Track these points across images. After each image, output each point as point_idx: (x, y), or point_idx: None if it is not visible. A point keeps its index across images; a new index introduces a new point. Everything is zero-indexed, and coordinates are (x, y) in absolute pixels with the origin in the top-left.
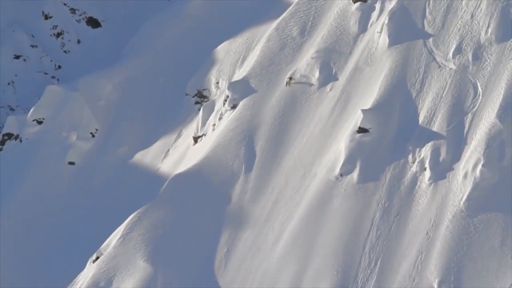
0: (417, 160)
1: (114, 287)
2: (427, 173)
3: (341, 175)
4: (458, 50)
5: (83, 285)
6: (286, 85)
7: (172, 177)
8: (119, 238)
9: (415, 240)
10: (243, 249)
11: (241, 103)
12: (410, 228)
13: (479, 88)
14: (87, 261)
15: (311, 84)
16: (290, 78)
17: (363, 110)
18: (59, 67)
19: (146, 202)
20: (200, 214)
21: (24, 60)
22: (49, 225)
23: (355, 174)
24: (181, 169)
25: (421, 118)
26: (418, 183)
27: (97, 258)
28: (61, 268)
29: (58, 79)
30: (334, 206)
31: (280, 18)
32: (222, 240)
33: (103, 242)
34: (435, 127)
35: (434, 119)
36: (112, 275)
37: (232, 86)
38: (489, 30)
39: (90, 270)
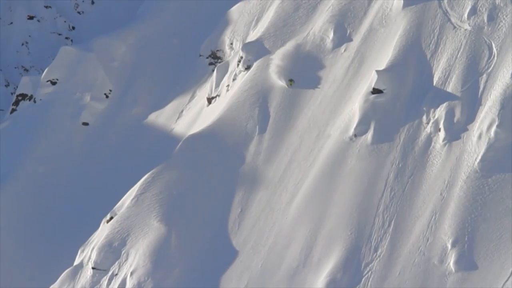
0: (432, 121)
1: (127, 247)
2: (442, 134)
3: (355, 135)
4: (473, 11)
5: (97, 245)
6: (288, 87)
7: (186, 138)
8: (133, 199)
9: (429, 200)
10: (257, 210)
11: (255, 64)
12: (424, 189)
13: (494, 49)
14: (101, 221)
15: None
16: (291, 80)
17: (377, 71)
18: (73, 28)
19: (160, 162)
20: (214, 175)
21: (38, 21)
22: (62, 185)
23: (369, 135)
24: (195, 130)
25: (435, 79)
26: (433, 143)
27: (111, 218)
28: (75, 228)
29: (72, 40)
30: (348, 166)
31: None
32: (235, 201)
33: (117, 203)
34: (450, 88)
35: (448, 80)
36: (126, 235)
37: (246, 47)
38: None
39: (104, 230)
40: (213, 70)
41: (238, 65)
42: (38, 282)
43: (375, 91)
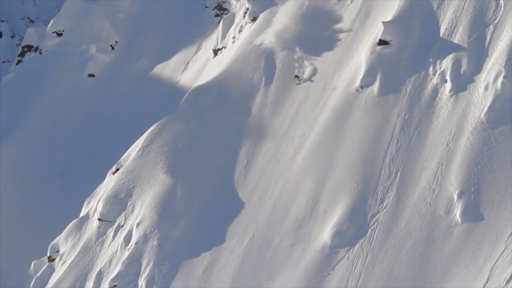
0: (438, 72)
1: (133, 198)
2: (448, 85)
3: (361, 87)
4: None
5: (102, 196)
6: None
7: (191, 90)
8: (138, 150)
9: (435, 152)
10: (263, 161)
11: (261, 16)
12: (430, 140)
13: (501, 0)
14: (107, 173)
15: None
16: (297, 77)
17: (383, 22)
18: None
19: (166, 114)
20: (220, 127)
21: None
22: (68, 136)
23: (375, 87)
24: (200, 81)
25: (442, 30)
26: (439, 95)
27: (117, 169)
28: (81, 180)
29: None
30: (354, 118)
31: None
32: (241, 152)
33: (123, 154)
34: (456, 39)
35: (455, 31)
36: (131, 187)
37: None
38: None
39: (109, 182)
40: (219, 22)
41: (244, 16)
42: (45, 233)
43: (382, 42)
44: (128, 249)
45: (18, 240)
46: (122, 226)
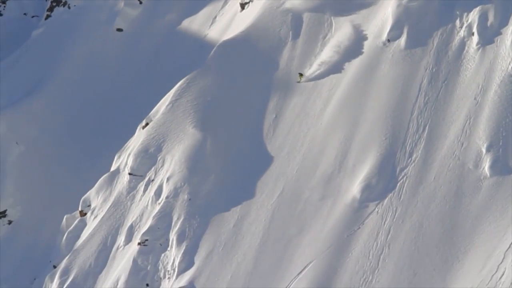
0: (465, 25)
1: (163, 153)
2: (475, 38)
3: (388, 40)
4: None
5: (133, 151)
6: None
7: (219, 44)
8: (168, 105)
9: (463, 105)
10: (291, 116)
11: None
12: (458, 93)
13: None
14: (136, 128)
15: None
16: (300, 74)
17: None
18: None
19: (194, 69)
20: (248, 81)
21: None
22: (98, 91)
23: (402, 40)
24: (228, 35)
25: None
26: (466, 48)
27: (147, 124)
28: (111, 134)
29: None
30: (382, 71)
31: None
32: (270, 107)
33: (152, 109)
34: None
35: None
36: (161, 141)
37: None
38: None
39: (139, 136)
40: None
41: None
42: (76, 188)
43: None
44: (159, 204)
45: (50, 194)
46: (153, 180)
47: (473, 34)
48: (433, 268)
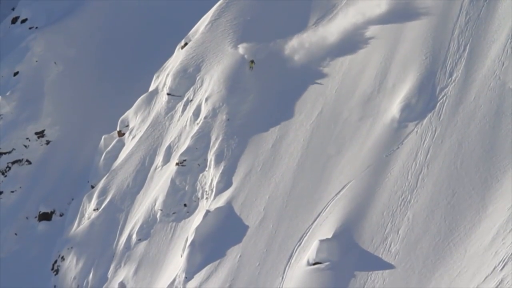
0: None
1: (202, 73)
2: None
3: None
4: None
5: (171, 71)
6: (250, 69)
7: None
8: (207, 24)
9: (504, 24)
10: None
11: None
12: (499, 12)
13: None
14: (175, 48)
15: None
16: (252, 61)
17: None
18: None
19: None
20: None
21: None
22: (136, 12)
23: None
24: None
25: None
26: None
27: (186, 44)
28: (150, 54)
29: None
30: None
31: None
32: (309, 25)
33: (191, 28)
34: None
35: None
36: (200, 61)
37: None
38: None
39: (178, 56)
40: None
41: None
42: (114, 108)
43: None
44: (197, 124)
45: (88, 115)
46: (191, 100)
47: None
48: (472, 187)
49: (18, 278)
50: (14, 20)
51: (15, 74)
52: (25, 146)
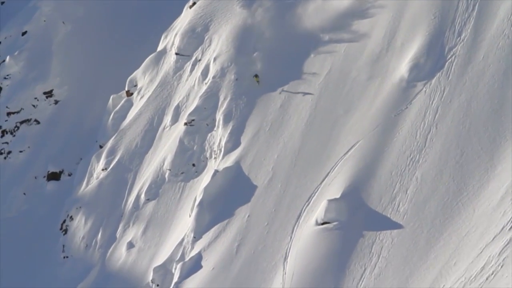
0: None
1: (210, 33)
2: None
3: None
4: None
5: (179, 31)
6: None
7: None
8: None
9: None
10: None
11: None
12: None
13: None
14: (183, 7)
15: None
16: (256, 76)
17: None
18: None
19: None
20: None
21: None
22: None
23: None
24: None
25: None
26: None
27: (194, 3)
28: (157, 14)
29: None
30: None
31: None
32: None
33: None
34: None
35: None
36: (208, 21)
37: None
38: None
39: (186, 16)
40: None
41: None
42: (122, 68)
43: None
44: (206, 84)
45: (96, 74)
46: (199, 60)
47: None
48: (480, 147)
49: (27, 238)
50: None
51: (23, 33)
52: (34, 106)
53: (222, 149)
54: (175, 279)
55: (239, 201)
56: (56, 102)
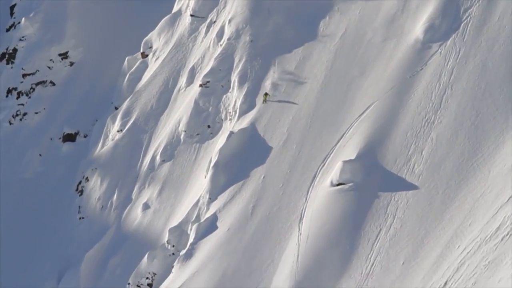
0: None
1: None
2: None
3: None
4: None
5: None
6: (263, 102)
7: None
8: None
9: None
10: None
11: None
12: None
13: None
14: None
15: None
16: (266, 94)
17: None
18: None
19: None
20: None
21: None
22: None
23: None
24: None
25: None
26: None
27: None
28: None
29: None
30: None
31: None
32: None
33: None
34: None
35: None
36: None
37: None
38: None
39: None
40: None
41: None
42: (137, 29)
43: None
44: (221, 45)
45: (111, 36)
46: (214, 22)
47: None
48: (496, 108)
49: (43, 199)
50: None
51: None
52: (49, 68)
53: (237, 111)
54: (191, 240)
55: (254, 162)
56: (72, 63)
